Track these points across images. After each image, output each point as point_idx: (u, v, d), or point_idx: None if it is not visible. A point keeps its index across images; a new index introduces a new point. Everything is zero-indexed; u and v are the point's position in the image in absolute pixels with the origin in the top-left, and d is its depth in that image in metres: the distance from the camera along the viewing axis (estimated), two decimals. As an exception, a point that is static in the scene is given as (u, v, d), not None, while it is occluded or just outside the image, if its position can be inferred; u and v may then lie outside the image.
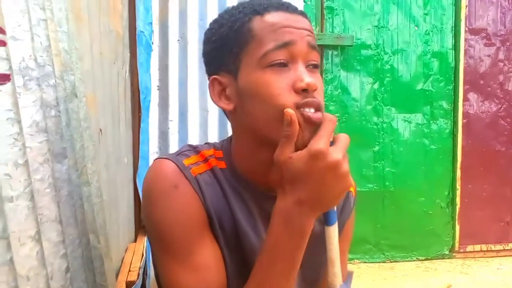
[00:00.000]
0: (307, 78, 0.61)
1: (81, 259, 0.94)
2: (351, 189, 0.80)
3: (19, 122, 0.77)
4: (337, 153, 0.55)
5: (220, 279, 0.64)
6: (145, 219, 0.67)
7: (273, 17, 0.63)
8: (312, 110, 0.61)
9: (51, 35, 0.93)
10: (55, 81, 0.92)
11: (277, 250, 0.59)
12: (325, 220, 0.62)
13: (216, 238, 0.66)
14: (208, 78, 0.70)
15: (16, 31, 0.79)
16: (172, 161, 0.66)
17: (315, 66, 0.65)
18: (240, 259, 0.66)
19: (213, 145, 0.72)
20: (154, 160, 0.69)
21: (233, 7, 0.67)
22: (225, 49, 0.65)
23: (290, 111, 0.59)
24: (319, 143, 0.55)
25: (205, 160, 0.69)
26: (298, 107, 0.61)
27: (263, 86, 0.62)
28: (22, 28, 0.81)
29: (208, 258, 0.64)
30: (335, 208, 0.62)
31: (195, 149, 0.70)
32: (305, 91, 0.61)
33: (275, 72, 0.62)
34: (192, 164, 0.67)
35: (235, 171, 0.69)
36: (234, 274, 0.66)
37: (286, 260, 0.59)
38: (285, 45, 0.62)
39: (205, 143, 0.74)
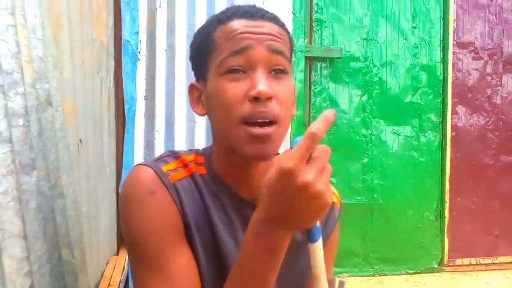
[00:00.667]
0: (261, 85, 0.59)
1: (50, 275, 0.89)
2: (335, 200, 0.78)
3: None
4: (308, 173, 0.50)
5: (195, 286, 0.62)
6: (122, 226, 0.65)
7: (233, 25, 0.63)
8: (259, 120, 0.60)
9: (22, 41, 0.90)
10: (25, 89, 0.88)
11: (247, 265, 0.56)
12: (308, 237, 0.59)
13: (192, 246, 0.64)
14: None
15: (-22, 36, 0.76)
16: (150, 167, 0.65)
17: (282, 71, 0.63)
18: (218, 267, 0.65)
19: (195, 151, 0.71)
20: (133, 167, 0.67)
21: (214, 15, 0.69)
22: (197, 57, 0.69)
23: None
24: (290, 161, 0.50)
25: (185, 166, 0.68)
26: (244, 120, 0.60)
27: (219, 93, 0.62)
28: (-15, 33, 0.79)
29: (182, 267, 0.62)
30: (318, 223, 0.59)
31: (175, 155, 0.69)
32: (257, 99, 0.60)
33: (230, 80, 0.61)
34: (170, 170, 0.66)
35: (215, 177, 0.68)
36: (212, 282, 0.64)
37: (256, 277, 0.56)
38: (241, 50, 0.61)
39: (188, 150, 0.73)
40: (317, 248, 0.58)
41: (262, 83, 0.60)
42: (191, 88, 0.71)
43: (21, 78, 0.84)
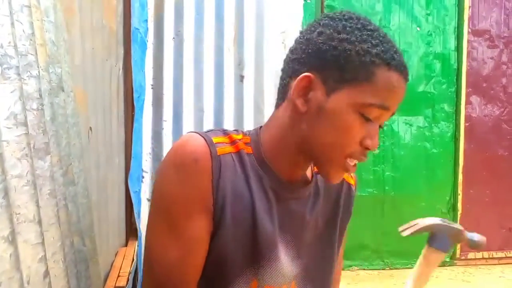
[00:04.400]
0: (376, 141, 0.67)
1: (63, 262, 0.87)
2: (351, 181, 0.82)
3: (-6, 113, 0.71)
4: None
5: (200, 258, 0.66)
6: (156, 182, 0.68)
7: (395, 77, 0.65)
8: (355, 162, 0.68)
9: (36, 23, 0.87)
10: (39, 72, 0.86)
11: None
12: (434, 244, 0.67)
13: (221, 221, 0.66)
14: (296, 70, 0.68)
15: (-8, 14, 0.73)
16: (202, 136, 0.68)
17: (381, 127, 0.70)
18: (251, 241, 0.68)
19: (242, 131, 0.74)
20: (187, 133, 0.70)
21: (367, 26, 0.66)
22: (338, 63, 0.65)
23: None
24: None
25: (233, 142, 0.70)
26: (349, 156, 0.66)
27: (344, 126, 0.65)
28: (1, 12, 0.76)
29: (194, 235, 0.65)
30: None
31: (224, 131, 0.72)
32: (367, 149, 0.67)
33: (360, 122, 0.65)
34: (219, 143, 0.69)
35: (260, 158, 0.71)
36: (242, 254, 0.67)
37: None
38: (385, 108, 0.65)
39: (234, 130, 0.75)
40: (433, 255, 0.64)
41: (377, 139, 0.67)
42: (306, 78, 0.66)
43: (35, 61, 0.82)
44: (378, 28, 0.67)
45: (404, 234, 0.68)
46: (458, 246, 2.93)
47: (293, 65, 0.69)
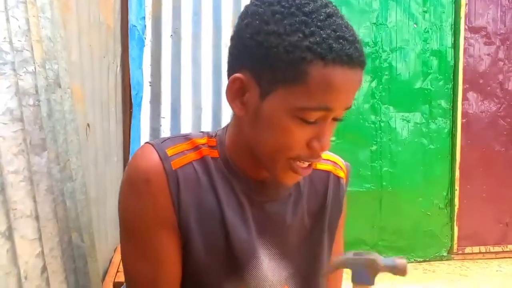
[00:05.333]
0: (326, 142, 0.59)
1: (61, 258, 0.88)
2: (342, 174, 0.77)
3: (-10, 109, 0.71)
4: None
5: (173, 275, 0.65)
6: (118, 204, 0.67)
7: (334, 74, 0.54)
8: (307, 163, 0.61)
9: (31, 19, 0.88)
10: (35, 68, 0.86)
11: None
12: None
13: (188, 235, 0.64)
14: (231, 68, 0.62)
15: (-13, 10, 0.73)
16: (156, 150, 0.63)
17: (340, 120, 0.62)
18: (225, 250, 0.65)
19: (207, 134, 0.69)
20: (143, 144, 0.67)
21: (304, 8, 0.55)
22: (268, 62, 0.56)
23: None
24: None
25: (196, 148, 0.66)
26: (297, 158, 0.60)
27: (283, 132, 0.59)
28: (-4, 8, 0.76)
29: (162, 251, 0.63)
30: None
31: (186, 137, 0.67)
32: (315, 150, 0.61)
33: (300, 126, 0.58)
34: (176, 154, 0.64)
35: (227, 161, 0.67)
36: (217, 264, 0.65)
37: None
38: (326, 109, 0.57)
39: (200, 132, 0.70)
40: None
41: (327, 139, 0.59)
42: (237, 80, 0.60)
43: (31, 57, 0.82)
44: (320, 7, 0.55)
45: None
46: (455, 241, 2.95)
47: (230, 61, 0.62)
